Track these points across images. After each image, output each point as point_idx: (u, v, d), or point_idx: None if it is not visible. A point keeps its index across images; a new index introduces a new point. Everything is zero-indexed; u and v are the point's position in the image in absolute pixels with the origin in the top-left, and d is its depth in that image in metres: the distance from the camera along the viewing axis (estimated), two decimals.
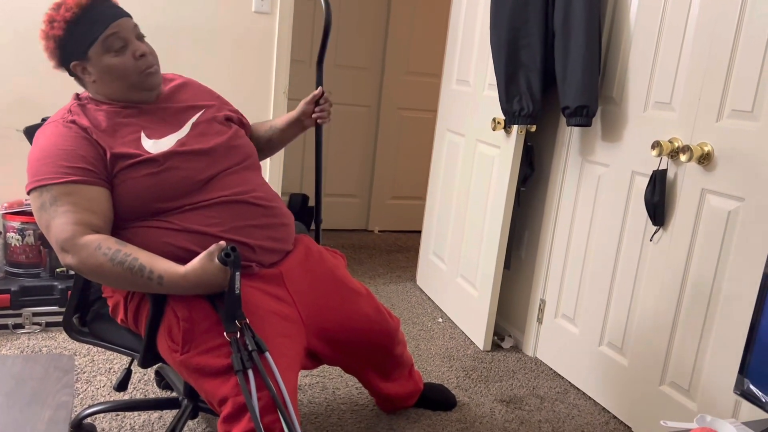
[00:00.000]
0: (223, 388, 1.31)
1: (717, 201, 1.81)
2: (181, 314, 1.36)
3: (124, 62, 1.44)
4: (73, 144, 1.39)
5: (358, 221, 4.37)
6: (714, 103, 1.81)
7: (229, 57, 2.77)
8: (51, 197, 1.35)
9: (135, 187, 1.41)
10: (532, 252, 2.64)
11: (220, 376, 1.32)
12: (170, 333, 1.38)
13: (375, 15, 4.05)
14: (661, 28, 2.00)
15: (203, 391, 1.36)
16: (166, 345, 1.40)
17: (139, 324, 1.49)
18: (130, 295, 1.49)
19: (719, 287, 1.80)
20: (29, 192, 1.39)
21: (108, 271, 1.32)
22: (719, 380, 1.79)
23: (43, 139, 1.41)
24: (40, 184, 1.36)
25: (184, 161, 1.46)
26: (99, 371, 2.11)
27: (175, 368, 1.41)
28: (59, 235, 1.33)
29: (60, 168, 1.36)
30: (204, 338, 1.35)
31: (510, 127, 2.45)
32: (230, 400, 1.29)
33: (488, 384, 2.32)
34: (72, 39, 1.43)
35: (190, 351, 1.35)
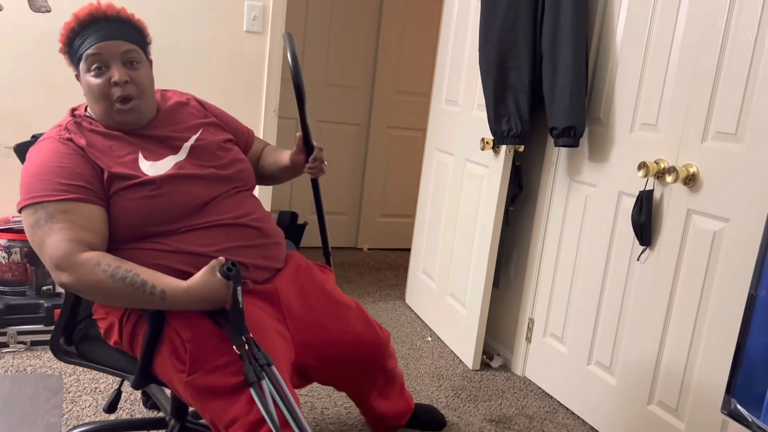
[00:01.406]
0: (231, 409, 1.30)
1: (703, 222, 1.83)
2: (185, 335, 1.35)
3: (100, 85, 1.42)
4: (70, 161, 1.38)
5: (347, 239, 4.37)
6: (699, 125, 1.84)
7: (221, 76, 2.78)
8: (46, 214, 1.33)
9: (131, 209, 1.40)
10: (520, 271, 2.66)
11: (228, 395, 1.31)
12: (176, 354, 1.36)
13: (365, 34, 4.09)
14: (646, 51, 2.04)
15: (208, 413, 1.34)
16: (171, 366, 1.37)
17: (135, 346, 1.47)
18: (126, 316, 1.46)
19: (706, 307, 1.81)
20: (22, 209, 1.36)
21: (108, 288, 1.30)
22: (707, 400, 1.80)
23: (37, 155, 1.39)
24: (35, 201, 1.34)
25: (181, 185, 1.45)
26: (85, 391, 2.08)
27: (179, 389, 1.39)
28: (54, 253, 1.31)
29: (57, 185, 1.35)
30: (210, 357, 1.33)
31: (498, 147, 2.48)
32: (240, 421, 1.28)
33: (477, 403, 2.32)
34: (69, 50, 1.46)
35: (198, 371, 1.33)
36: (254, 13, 2.77)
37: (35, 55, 2.52)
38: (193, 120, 1.60)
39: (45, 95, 2.56)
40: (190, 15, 2.68)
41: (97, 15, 1.43)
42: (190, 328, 1.36)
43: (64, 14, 2.52)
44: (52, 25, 2.51)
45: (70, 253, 1.31)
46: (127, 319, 1.46)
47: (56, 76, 2.56)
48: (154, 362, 1.43)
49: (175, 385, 1.39)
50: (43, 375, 0.92)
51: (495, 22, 2.31)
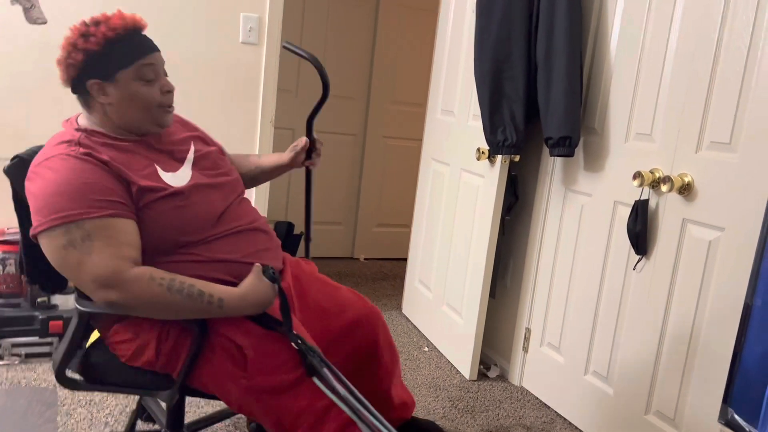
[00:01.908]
0: (297, 402, 1.35)
1: (698, 231, 1.83)
2: (243, 342, 1.37)
3: (151, 93, 1.43)
4: (96, 176, 1.33)
5: (343, 249, 4.36)
6: (693, 135, 1.85)
7: (217, 87, 2.79)
8: (83, 233, 1.28)
9: (163, 221, 1.38)
10: (517, 280, 2.65)
11: (291, 389, 1.36)
12: (234, 362, 1.37)
13: (361, 45, 4.10)
14: (640, 61, 2.05)
15: (273, 412, 1.37)
16: (227, 375, 1.38)
17: (175, 362, 1.43)
18: (165, 333, 1.42)
19: (702, 316, 1.82)
20: (45, 230, 1.29)
21: (165, 302, 1.30)
22: (704, 409, 1.80)
23: (53, 173, 1.32)
24: (68, 221, 1.28)
25: (204, 195, 1.47)
26: (80, 404, 2.07)
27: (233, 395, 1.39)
28: (99, 272, 1.27)
29: (90, 202, 1.30)
30: (269, 359, 1.37)
31: (494, 157, 2.48)
32: (308, 411, 1.34)
33: (474, 414, 2.31)
34: (105, 57, 1.39)
35: (261, 374, 1.36)
36: (250, 25, 2.78)
37: (30, 67, 2.52)
38: (181, 133, 1.61)
39: (39, 107, 2.56)
40: (187, 26, 2.69)
41: (139, 26, 1.44)
42: (246, 336, 1.38)
43: (60, 26, 2.53)
44: (47, 37, 2.52)
45: (120, 270, 1.28)
46: (166, 336, 1.42)
47: (51, 88, 2.56)
48: (201, 373, 1.42)
49: (229, 392, 1.40)
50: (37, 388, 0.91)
51: (490, 33, 2.33)
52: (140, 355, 1.44)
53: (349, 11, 4.03)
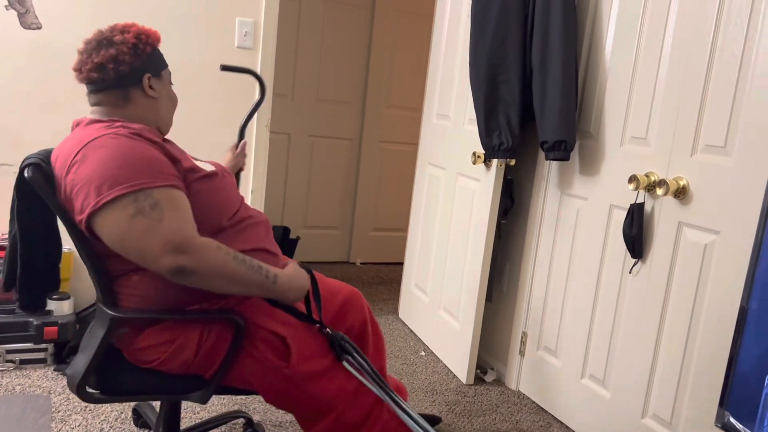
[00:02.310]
0: (333, 385, 1.45)
1: (693, 234, 1.84)
2: (285, 333, 1.44)
3: (175, 95, 1.63)
4: (154, 153, 1.36)
5: (340, 253, 4.36)
6: (688, 139, 1.85)
7: (213, 92, 2.79)
8: (152, 202, 1.29)
9: (206, 200, 1.44)
10: (513, 284, 2.65)
11: (327, 374, 1.46)
12: (276, 353, 1.43)
13: (356, 49, 4.11)
14: (635, 65, 2.06)
15: (311, 397, 1.44)
16: (270, 365, 1.43)
17: (213, 359, 1.45)
18: (207, 331, 1.42)
19: (698, 319, 1.82)
20: (110, 201, 1.28)
21: (231, 270, 1.32)
22: (701, 413, 1.80)
23: (107, 150, 1.32)
24: (135, 189, 1.28)
25: (228, 182, 1.56)
26: (74, 410, 2.06)
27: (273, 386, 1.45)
28: (172, 237, 1.28)
29: (153, 173, 1.32)
30: (305, 348, 1.45)
31: (490, 161, 2.49)
32: (344, 392, 1.45)
33: (471, 418, 2.30)
34: (154, 59, 1.53)
35: (300, 362, 1.43)
36: (245, 30, 2.78)
37: (25, 72, 2.52)
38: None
39: (36, 111, 2.55)
40: (182, 31, 2.69)
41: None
42: (285, 327, 1.45)
43: (55, 31, 2.52)
44: (43, 42, 2.51)
45: (192, 236, 1.30)
46: (207, 335, 1.43)
47: (48, 93, 2.56)
48: (235, 369, 1.46)
49: (270, 383, 1.45)
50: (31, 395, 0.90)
51: (485, 38, 2.33)
52: (176, 356, 1.43)
53: (345, 16, 4.04)
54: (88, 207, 1.29)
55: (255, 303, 1.47)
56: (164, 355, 1.43)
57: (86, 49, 1.46)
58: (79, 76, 1.48)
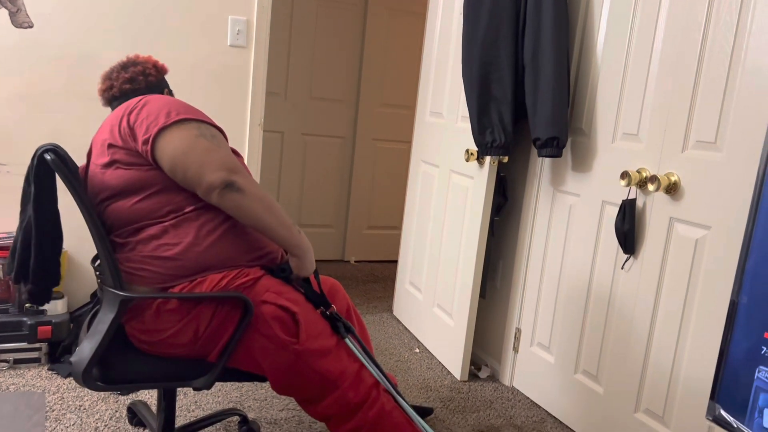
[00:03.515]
0: (339, 363, 1.54)
1: (685, 229, 1.85)
2: (295, 308, 1.51)
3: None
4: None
5: (334, 252, 4.36)
6: (679, 135, 1.87)
7: (205, 90, 2.78)
8: (211, 133, 1.49)
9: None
10: (507, 281, 2.67)
11: (333, 352, 1.54)
12: (285, 328, 1.50)
13: (349, 48, 4.11)
14: (627, 61, 2.07)
15: (317, 374, 1.51)
16: (277, 343, 1.49)
17: (219, 338, 1.50)
18: (221, 305, 1.49)
19: (690, 314, 1.83)
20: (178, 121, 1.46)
21: (270, 202, 1.48)
22: (693, 406, 1.82)
23: (166, 99, 1.52)
24: (200, 119, 1.49)
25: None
26: (69, 409, 2.06)
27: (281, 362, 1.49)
28: (228, 160, 1.46)
29: (208, 118, 1.53)
30: (313, 326, 1.53)
31: (483, 158, 2.50)
32: (348, 370, 1.54)
33: (466, 415, 2.31)
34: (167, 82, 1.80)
35: (310, 338, 1.51)
36: (238, 28, 2.78)
37: (17, 71, 2.51)
38: None
39: (28, 111, 2.54)
40: (175, 30, 2.69)
41: None
42: (295, 304, 1.52)
43: (47, 30, 2.51)
44: (35, 41, 2.51)
45: (240, 166, 1.47)
46: (221, 308, 1.49)
47: (39, 92, 2.55)
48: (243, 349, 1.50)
49: (278, 361, 1.49)
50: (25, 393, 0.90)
51: (477, 36, 2.34)
52: (188, 328, 1.47)
53: (338, 14, 4.04)
54: (158, 125, 1.45)
55: (267, 283, 1.53)
56: (178, 325, 1.47)
57: (113, 70, 1.70)
58: (108, 93, 1.69)
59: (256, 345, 1.50)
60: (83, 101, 2.59)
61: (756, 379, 1.26)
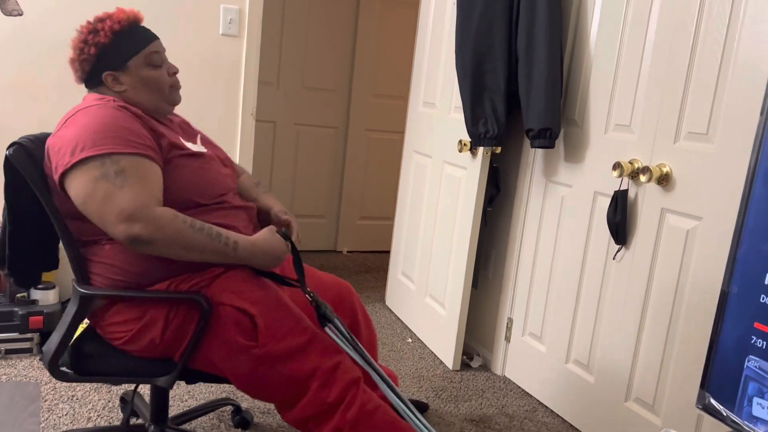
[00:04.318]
0: (308, 363, 1.43)
1: (676, 220, 1.86)
2: (254, 311, 1.42)
3: (161, 76, 1.56)
4: (133, 124, 1.43)
5: (326, 242, 4.36)
6: (671, 126, 1.87)
7: (197, 79, 2.77)
8: (117, 168, 1.35)
9: (186, 176, 1.47)
10: (499, 271, 2.68)
11: (302, 351, 1.43)
12: (244, 332, 1.42)
13: (342, 37, 4.09)
14: (619, 53, 2.07)
15: (284, 378, 1.42)
16: (238, 346, 1.42)
17: (181, 340, 1.45)
18: (175, 310, 1.44)
19: (680, 304, 1.85)
20: (79, 162, 1.34)
21: (187, 238, 1.36)
22: (682, 395, 1.84)
23: (91, 117, 1.40)
24: (104, 153, 1.35)
25: (217, 166, 1.59)
26: (61, 399, 2.05)
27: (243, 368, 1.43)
28: (128, 205, 1.32)
29: (128, 141, 1.38)
30: (278, 325, 1.43)
31: (476, 149, 2.50)
32: (320, 370, 1.42)
33: (458, 403, 2.33)
34: (115, 48, 1.50)
35: (271, 341, 1.42)
36: (230, 17, 2.76)
37: (7, 60, 2.48)
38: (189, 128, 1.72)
39: (18, 99, 2.52)
40: (166, 19, 2.66)
41: (140, 18, 1.57)
42: (255, 305, 1.43)
43: (36, 18, 2.49)
44: (23, 29, 2.48)
45: (146, 206, 1.33)
46: (175, 314, 1.44)
47: (29, 80, 2.52)
48: (203, 351, 1.46)
49: (239, 366, 1.43)
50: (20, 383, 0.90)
51: (471, 26, 2.33)
52: (143, 335, 1.45)
53: (331, 3, 4.02)
54: (63, 165, 1.36)
55: (224, 282, 1.46)
56: (130, 333, 1.46)
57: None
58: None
59: (214, 349, 1.44)
60: (74, 90, 2.57)
61: (745, 368, 1.28)
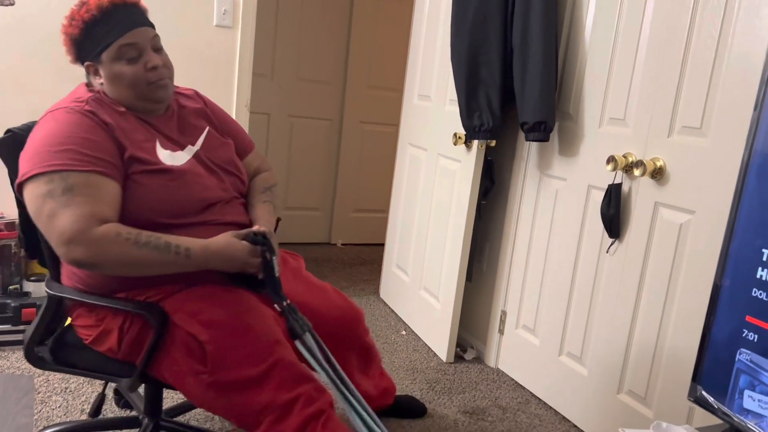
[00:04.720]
0: (260, 397, 1.32)
1: (669, 214, 1.87)
2: (203, 337, 1.33)
3: (135, 72, 1.43)
4: (95, 135, 1.35)
5: (320, 234, 4.36)
6: (665, 120, 1.88)
7: (191, 71, 2.75)
8: (66, 186, 1.27)
9: (147, 195, 1.39)
10: (493, 264, 2.68)
11: (255, 385, 1.33)
12: (193, 356, 1.35)
13: (337, 29, 4.08)
14: (614, 46, 2.07)
15: (236, 407, 1.34)
16: (187, 369, 1.36)
17: (135, 352, 1.42)
18: (128, 323, 1.41)
19: (673, 297, 1.86)
20: (31, 178, 1.29)
21: (132, 256, 1.28)
22: (674, 388, 1.85)
23: (54, 124, 1.34)
24: (53, 170, 1.28)
25: (196, 179, 1.47)
26: (54, 391, 2.05)
27: (195, 391, 1.37)
28: (68, 228, 1.25)
29: (82, 156, 1.30)
30: (231, 353, 1.33)
31: (471, 142, 2.50)
32: (271, 406, 1.32)
33: (451, 396, 2.34)
34: (87, 40, 1.41)
35: (220, 370, 1.33)
36: (224, 8, 2.74)
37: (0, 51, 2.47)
38: (199, 116, 1.63)
39: (10, 89, 2.50)
40: (160, 10, 2.64)
41: (119, 2, 1.41)
42: (207, 329, 1.34)
43: (28, 7, 2.46)
44: (16, 19, 2.46)
45: (87, 228, 1.26)
46: (129, 326, 1.41)
47: (22, 70, 2.50)
48: (160, 365, 1.41)
49: (191, 387, 1.37)
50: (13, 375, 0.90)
51: (466, 18, 2.33)
52: (103, 340, 1.45)
53: None
54: (18, 177, 1.33)
55: (180, 301, 1.39)
56: (92, 336, 1.45)
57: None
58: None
59: (167, 366, 1.38)
60: (68, 81, 2.55)
61: (737, 361, 1.29)
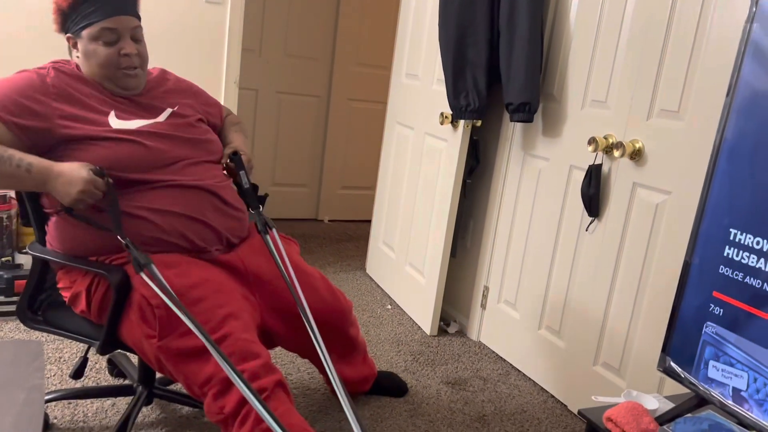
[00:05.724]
0: (205, 369, 1.37)
1: (646, 194, 1.94)
2: (155, 301, 1.38)
3: (108, 54, 1.52)
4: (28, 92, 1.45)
5: (307, 211, 4.40)
6: (645, 103, 1.94)
7: (181, 47, 2.76)
8: None
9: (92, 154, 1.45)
10: (476, 241, 2.75)
11: (201, 355, 1.37)
12: (145, 320, 1.40)
13: (325, 5, 4.07)
14: (598, 30, 2.12)
15: (182, 375, 1.40)
16: (141, 332, 1.41)
17: (103, 314, 1.50)
18: (94, 285, 1.49)
19: (648, 274, 1.94)
20: None
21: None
22: (646, 359, 1.94)
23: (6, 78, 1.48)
24: None
25: (146, 139, 1.52)
26: (49, 360, 2.10)
27: (149, 355, 1.43)
28: None
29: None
30: (181, 321, 1.36)
31: (457, 122, 2.55)
32: (215, 379, 1.36)
33: (434, 367, 2.42)
34: (73, 13, 1.51)
35: (170, 335, 1.38)
36: None
37: None
38: (172, 94, 1.69)
39: None
40: None
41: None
42: (162, 293, 1.38)
43: None
44: (5, 2, 2.45)
45: None
46: (95, 288, 1.49)
47: (11, 52, 2.50)
48: (121, 329, 1.47)
49: (145, 351, 1.44)
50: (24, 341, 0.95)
51: None
52: (76, 302, 1.54)
53: None
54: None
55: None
56: (67, 299, 1.56)
57: None
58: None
59: (127, 329, 1.45)
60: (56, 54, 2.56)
61: (704, 333, 1.36)
